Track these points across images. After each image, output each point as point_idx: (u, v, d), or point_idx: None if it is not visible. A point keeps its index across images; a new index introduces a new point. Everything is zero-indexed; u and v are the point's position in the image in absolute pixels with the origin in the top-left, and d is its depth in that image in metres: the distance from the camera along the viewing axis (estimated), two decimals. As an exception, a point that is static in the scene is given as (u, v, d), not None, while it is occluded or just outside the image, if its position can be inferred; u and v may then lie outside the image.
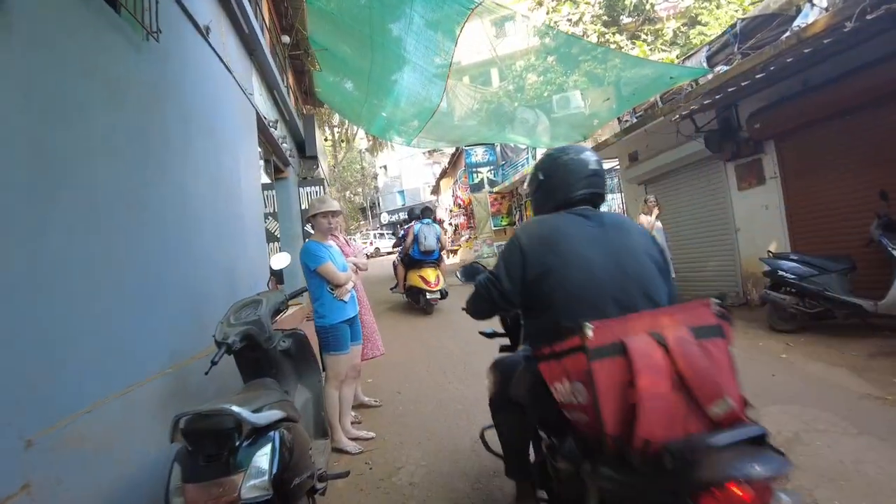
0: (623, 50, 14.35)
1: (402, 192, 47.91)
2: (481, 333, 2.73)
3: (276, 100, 7.87)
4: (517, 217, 17.67)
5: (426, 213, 8.73)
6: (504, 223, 18.10)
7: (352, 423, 3.86)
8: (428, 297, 8.24)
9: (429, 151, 44.51)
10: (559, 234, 1.79)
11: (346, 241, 4.50)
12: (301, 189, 9.73)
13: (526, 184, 16.97)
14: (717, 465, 1.11)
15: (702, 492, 1.10)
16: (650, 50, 15.55)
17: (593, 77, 10.14)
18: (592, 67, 9.96)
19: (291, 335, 3.11)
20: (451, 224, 22.69)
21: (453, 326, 7.28)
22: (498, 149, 18.35)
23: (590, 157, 1.98)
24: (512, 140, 15.62)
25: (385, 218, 48.64)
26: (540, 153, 14.68)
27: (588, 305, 1.63)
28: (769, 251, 5.75)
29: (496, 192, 17.88)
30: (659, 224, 7.88)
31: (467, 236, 20.08)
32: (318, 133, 10.28)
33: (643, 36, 16.54)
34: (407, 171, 46.45)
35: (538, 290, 1.75)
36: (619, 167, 11.97)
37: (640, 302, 1.65)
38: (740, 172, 7.14)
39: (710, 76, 7.24)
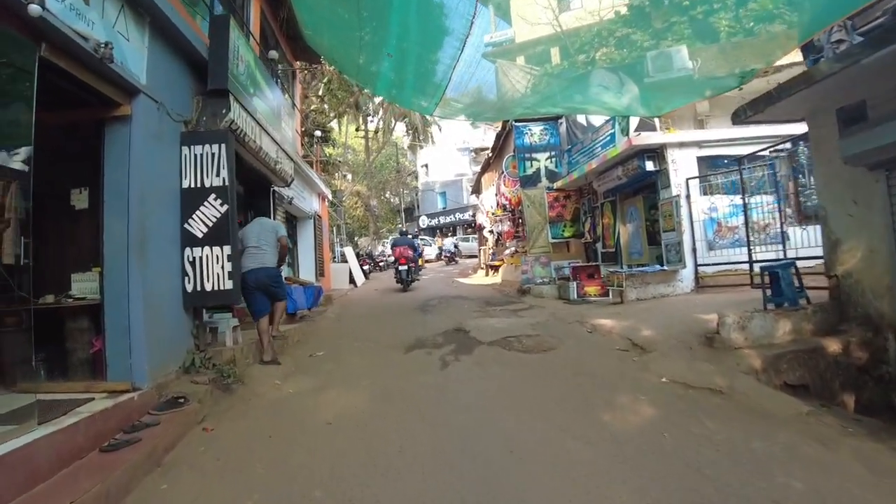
0: None
1: (443, 194, 43.16)
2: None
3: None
4: (588, 226, 12.47)
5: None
6: (566, 234, 13.00)
7: None
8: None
9: (474, 150, 39.80)
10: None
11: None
12: (186, 149, 4.98)
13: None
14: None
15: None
16: None
17: (704, 31, 7.23)
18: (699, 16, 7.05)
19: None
20: (491, 232, 17.62)
21: None
22: (563, 127, 13.26)
23: None
24: (585, 109, 10.68)
25: (424, 221, 44.01)
26: (634, 123, 9.60)
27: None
28: None
29: (558, 189, 12.78)
30: None
31: (513, 249, 14.93)
32: (241, 48, 5.50)
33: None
34: (442, 164, 41.49)
35: None
36: (795, 140, 6.66)
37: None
38: None
39: None
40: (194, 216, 5.02)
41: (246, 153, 6.31)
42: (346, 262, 18.23)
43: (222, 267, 5.00)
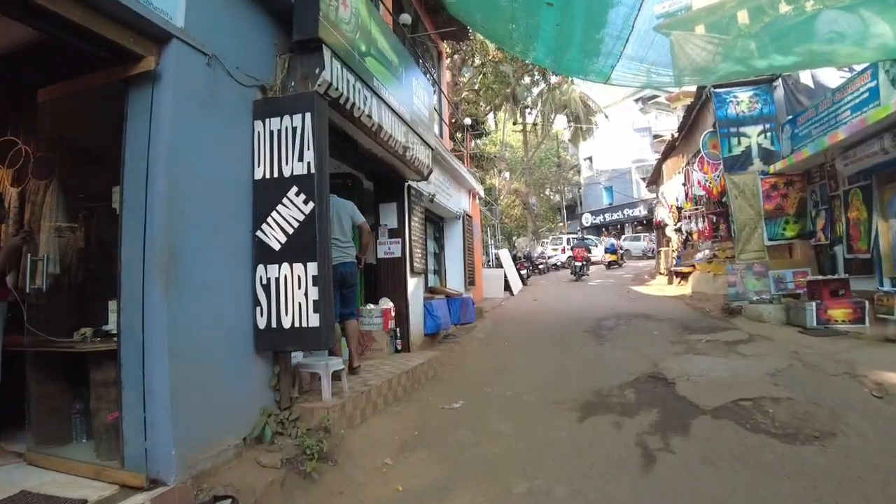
0: None
1: (608, 189, 39.63)
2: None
3: None
4: (822, 223, 9.21)
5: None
6: (789, 234, 9.79)
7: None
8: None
9: (655, 135, 35.44)
10: None
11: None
12: (260, 124, 3.51)
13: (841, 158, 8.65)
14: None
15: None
16: None
17: None
18: None
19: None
20: (678, 230, 14.52)
21: None
22: (778, 91, 10.01)
23: None
24: (829, 59, 7.70)
25: (587, 219, 40.99)
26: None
27: None
28: None
29: (776, 174, 9.63)
30: None
31: (708, 252, 11.88)
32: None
33: None
34: (610, 155, 37.75)
35: None
36: None
37: None
38: None
39: None
40: (269, 220, 3.52)
41: (359, 133, 4.76)
42: (501, 266, 16.49)
43: (305, 293, 3.41)
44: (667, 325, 8.35)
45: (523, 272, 18.60)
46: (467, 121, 13.81)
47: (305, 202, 3.45)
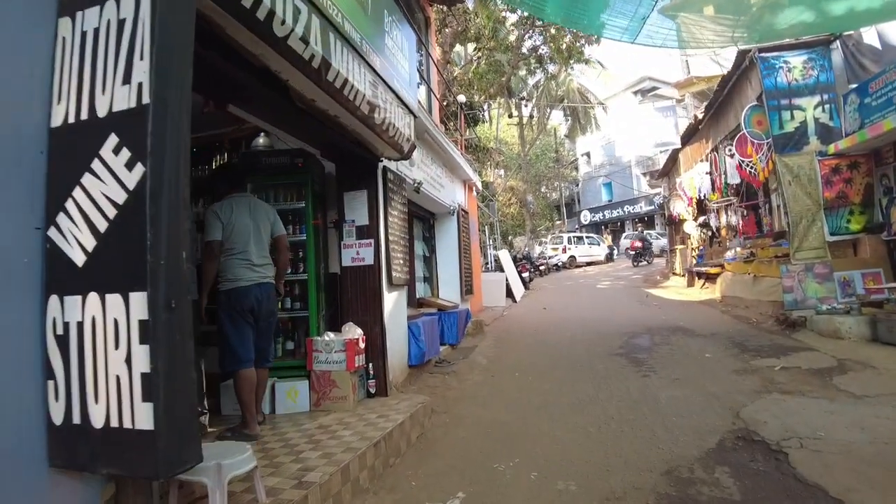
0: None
1: (608, 185, 38.13)
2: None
3: None
4: (898, 212, 7.57)
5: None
6: (854, 227, 8.13)
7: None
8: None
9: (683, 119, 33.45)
10: None
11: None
12: (72, 20, 1.77)
13: None
14: None
15: None
16: None
17: None
18: None
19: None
20: (705, 226, 12.78)
21: None
22: (837, 53, 8.38)
23: None
24: None
25: (586, 217, 39.50)
26: None
27: None
28: None
29: (837, 155, 7.98)
30: None
31: (741, 251, 10.19)
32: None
33: None
34: (611, 148, 36.06)
35: None
36: None
37: None
38: None
39: None
40: (69, 205, 1.74)
41: (289, 68, 2.96)
42: (502, 269, 14.72)
43: (127, 358, 1.63)
44: (716, 344, 6.61)
45: (525, 275, 16.81)
46: (461, 98, 12.00)
47: (129, 164, 1.66)
